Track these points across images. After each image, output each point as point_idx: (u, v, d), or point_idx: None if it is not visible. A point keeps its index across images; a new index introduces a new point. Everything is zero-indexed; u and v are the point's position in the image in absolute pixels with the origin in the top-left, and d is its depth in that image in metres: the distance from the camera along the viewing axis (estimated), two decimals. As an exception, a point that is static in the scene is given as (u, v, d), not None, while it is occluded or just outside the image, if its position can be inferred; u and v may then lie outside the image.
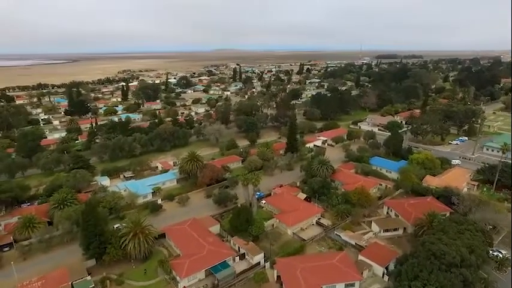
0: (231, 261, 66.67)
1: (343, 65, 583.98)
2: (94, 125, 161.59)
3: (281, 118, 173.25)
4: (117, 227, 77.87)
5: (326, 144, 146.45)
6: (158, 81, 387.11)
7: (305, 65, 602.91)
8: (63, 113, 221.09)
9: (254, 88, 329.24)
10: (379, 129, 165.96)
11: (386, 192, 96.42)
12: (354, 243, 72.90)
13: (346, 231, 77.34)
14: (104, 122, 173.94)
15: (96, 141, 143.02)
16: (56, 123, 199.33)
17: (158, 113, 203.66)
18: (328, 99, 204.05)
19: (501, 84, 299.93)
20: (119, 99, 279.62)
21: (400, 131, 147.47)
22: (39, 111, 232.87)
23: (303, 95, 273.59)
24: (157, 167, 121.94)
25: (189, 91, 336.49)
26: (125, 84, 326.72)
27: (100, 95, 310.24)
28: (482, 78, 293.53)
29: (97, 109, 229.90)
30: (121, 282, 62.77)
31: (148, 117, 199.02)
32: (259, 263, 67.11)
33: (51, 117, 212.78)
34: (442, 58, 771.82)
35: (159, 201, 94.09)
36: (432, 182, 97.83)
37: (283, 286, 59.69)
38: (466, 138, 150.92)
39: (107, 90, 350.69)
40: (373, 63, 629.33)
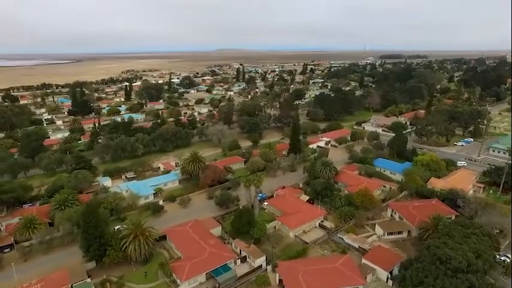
0: (232, 264, 65.86)
1: (346, 65, 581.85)
2: (97, 125, 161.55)
3: (284, 118, 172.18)
4: (118, 228, 77.33)
5: (329, 145, 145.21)
6: (161, 81, 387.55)
7: (308, 65, 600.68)
8: (66, 113, 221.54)
9: (257, 88, 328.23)
10: (383, 130, 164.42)
11: (391, 194, 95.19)
12: (358, 246, 71.80)
13: (350, 234, 76.20)
14: (107, 122, 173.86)
15: (99, 141, 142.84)
16: (59, 123, 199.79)
17: (161, 113, 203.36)
18: (332, 99, 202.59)
19: (507, 85, 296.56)
20: (122, 99, 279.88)
21: (404, 132, 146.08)
22: (43, 111, 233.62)
23: (306, 95, 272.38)
24: (159, 167, 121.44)
25: (192, 91, 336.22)
26: (128, 84, 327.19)
27: (103, 95, 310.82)
28: (488, 79, 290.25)
29: (100, 109, 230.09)
30: (121, 285, 62.14)
31: (151, 118, 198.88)
32: (261, 266, 66.19)
33: (54, 117, 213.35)
34: (447, 58, 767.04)
35: (161, 202, 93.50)
36: (437, 184, 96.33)
37: (285, 290, 58.76)
38: (472, 139, 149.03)
39: (110, 90, 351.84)
40: (377, 63, 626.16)
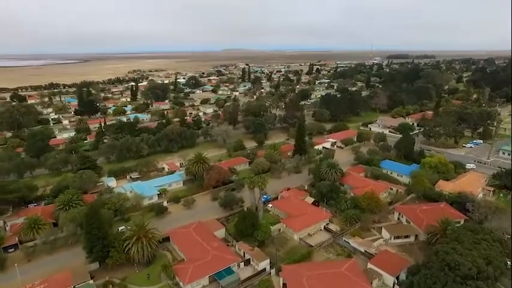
0: (235, 267, 65.03)
1: (353, 65, 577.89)
2: (102, 125, 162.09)
3: (289, 119, 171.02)
4: (121, 229, 77.18)
5: (335, 146, 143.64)
6: (167, 81, 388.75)
7: (315, 65, 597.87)
8: (73, 112, 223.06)
9: (263, 88, 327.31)
10: (390, 131, 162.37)
11: (397, 197, 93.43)
12: (363, 251, 70.42)
13: (355, 238, 74.87)
14: (113, 122, 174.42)
15: (104, 141, 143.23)
16: (65, 122, 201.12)
17: (166, 113, 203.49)
18: (338, 100, 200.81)
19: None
20: (128, 99, 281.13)
21: (411, 133, 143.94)
22: (50, 110, 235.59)
23: (312, 96, 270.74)
24: (163, 168, 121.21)
25: (198, 91, 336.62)
26: (134, 84, 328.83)
27: (110, 95, 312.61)
28: (497, 79, 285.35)
29: (106, 109, 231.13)
30: (124, 287, 61.73)
31: (156, 118, 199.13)
32: (265, 269, 65.25)
33: (61, 116, 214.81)
34: (455, 58, 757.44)
35: (165, 203, 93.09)
36: (445, 187, 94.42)
37: (289, 295, 57.76)
38: (481, 141, 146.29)
39: (116, 90, 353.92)
40: (384, 64, 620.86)
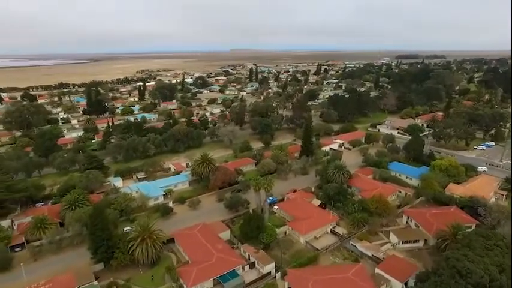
0: (240, 270, 64.21)
1: (361, 66, 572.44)
2: (110, 124, 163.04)
3: (297, 120, 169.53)
4: (127, 229, 77.11)
5: (343, 147, 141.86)
6: (175, 81, 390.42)
7: (323, 65, 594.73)
8: (81, 112, 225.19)
9: (270, 88, 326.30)
10: (398, 133, 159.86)
11: (406, 200, 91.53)
12: (371, 255, 68.96)
13: (363, 242, 73.37)
14: (121, 121, 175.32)
15: (111, 141, 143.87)
16: (74, 122, 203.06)
17: (173, 113, 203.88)
18: (346, 100, 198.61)
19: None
20: (136, 99, 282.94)
21: (421, 135, 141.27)
22: (59, 110, 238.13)
23: (320, 96, 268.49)
24: (170, 168, 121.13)
25: (205, 91, 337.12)
26: (142, 84, 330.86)
27: (118, 95, 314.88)
28: (510, 79, 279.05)
29: (114, 108, 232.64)
30: (128, 288, 61.46)
31: (164, 117, 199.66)
32: (270, 273, 64.26)
33: (70, 116, 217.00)
34: (466, 58, 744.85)
35: (171, 204, 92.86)
36: (456, 190, 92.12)
37: (294, 299, 56.73)
38: (493, 143, 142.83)
39: (125, 89, 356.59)
40: (393, 64, 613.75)
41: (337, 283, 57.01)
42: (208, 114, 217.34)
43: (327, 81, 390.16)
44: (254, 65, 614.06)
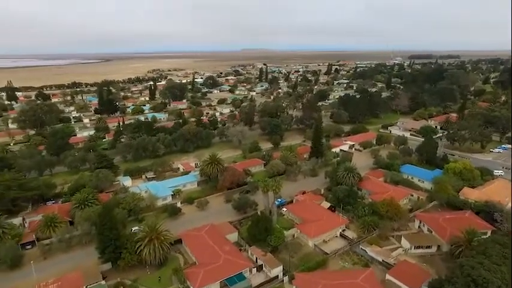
0: (247, 272, 63.48)
1: (373, 66, 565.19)
2: (121, 124, 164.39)
3: (306, 120, 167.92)
4: (135, 229, 77.28)
5: (353, 149, 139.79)
6: (185, 81, 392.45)
7: (333, 65, 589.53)
8: (93, 111, 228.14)
9: (280, 89, 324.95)
10: (411, 134, 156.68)
11: (418, 204, 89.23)
12: (381, 260, 67.32)
13: (373, 246, 71.73)
14: (131, 121, 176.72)
15: (122, 140, 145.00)
16: (86, 121, 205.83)
17: (182, 113, 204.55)
18: (357, 101, 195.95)
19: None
20: (147, 99, 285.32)
21: (434, 137, 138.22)
22: (72, 109, 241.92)
23: (331, 97, 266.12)
24: (179, 168, 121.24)
25: (215, 91, 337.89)
26: (152, 83, 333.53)
27: (129, 94, 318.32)
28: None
29: (125, 108, 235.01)
30: (135, 289, 61.39)
31: (173, 117, 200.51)
32: (277, 276, 63.34)
33: (82, 115, 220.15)
34: (481, 58, 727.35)
35: (179, 204, 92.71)
36: (471, 194, 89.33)
37: (302, 305, 55.65)
38: (510, 146, 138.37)
39: (136, 89, 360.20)
40: (406, 64, 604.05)
41: (347, 289, 55.72)
42: (217, 114, 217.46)
43: (337, 82, 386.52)
44: (264, 64, 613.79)
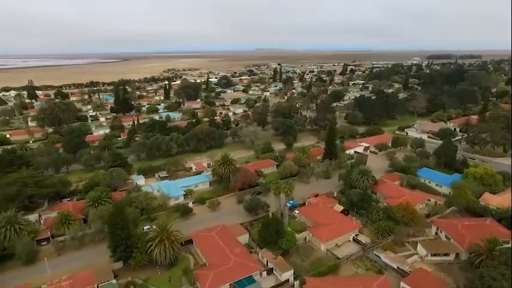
0: (257, 276, 62.60)
1: (390, 66, 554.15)
2: (135, 123, 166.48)
3: (320, 121, 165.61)
4: (147, 228, 77.68)
5: (368, 151, 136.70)
6: (200, 81, 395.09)
7: (349, 65, 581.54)
8: (109, 110, 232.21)
9: (294, 89, 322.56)
10: (428, 137, 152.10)
11: (436, 210, 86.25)
12: (396, 267, 65.15)
13: (387, 252, 69.55)
14: (146, 120, 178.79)
15: (136, 139, 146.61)
16: (102, 119, 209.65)
17: (196, 112, 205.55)
18: (373, 102, 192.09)
19: None
20: (162, 98, 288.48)
21: (453, 140, 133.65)
22: (89, 107, 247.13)
23: (346, 97, 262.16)
24: (191, 167, 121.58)
25: (229, 91, 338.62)
26: (167, 83, 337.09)
27: (145, 93, 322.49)
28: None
29: (140, 107, 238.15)
30: (145, 288, 61.53)
31: (187, 117, 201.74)
32: (288, 280, 62.24)
33: (98, 113, 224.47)
34: (504, 58, 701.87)
35: (190, 204, 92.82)
36: (492, 200, 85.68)
37: (313, 311, 54.43)
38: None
39: (151, 88, 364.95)
40: (424, 64, 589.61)
41: (359, 296, 54.15)
42: (231, 114, 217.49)
43: (353, 82, 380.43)
44: (278, 64, 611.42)
